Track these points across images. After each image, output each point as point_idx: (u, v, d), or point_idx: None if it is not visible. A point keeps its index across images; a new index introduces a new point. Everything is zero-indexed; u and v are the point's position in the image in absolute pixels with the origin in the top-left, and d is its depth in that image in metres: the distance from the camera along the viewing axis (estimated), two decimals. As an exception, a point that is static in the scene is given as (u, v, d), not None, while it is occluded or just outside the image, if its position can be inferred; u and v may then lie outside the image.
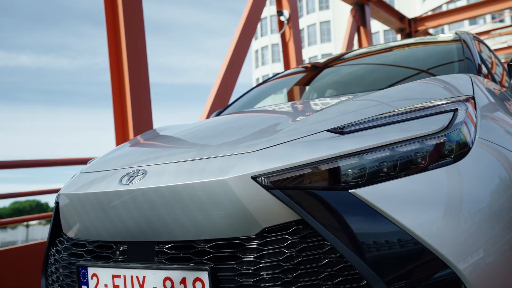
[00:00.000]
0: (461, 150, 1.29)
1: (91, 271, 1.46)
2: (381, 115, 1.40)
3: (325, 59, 3.20)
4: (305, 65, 3.40)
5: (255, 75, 59.13)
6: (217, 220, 1.26)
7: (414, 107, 1.42)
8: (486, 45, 2.99)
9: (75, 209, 1.55)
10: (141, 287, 1.34)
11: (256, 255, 1.22)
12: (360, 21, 9.22)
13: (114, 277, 1.40)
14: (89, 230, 1.51)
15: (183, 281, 1.27)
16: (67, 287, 1.57)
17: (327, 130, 1.37)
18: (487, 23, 20.87)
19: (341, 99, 1.83)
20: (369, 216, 1.17)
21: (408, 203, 1.19)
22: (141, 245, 1.39)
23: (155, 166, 1.44)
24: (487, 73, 2.26)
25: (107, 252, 1.47)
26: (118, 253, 1.45)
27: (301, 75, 3.20)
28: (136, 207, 1.37)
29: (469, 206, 1.21)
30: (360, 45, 9.54)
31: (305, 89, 3.00)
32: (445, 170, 1.24)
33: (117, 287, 1.38)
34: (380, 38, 48.13)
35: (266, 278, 1.19)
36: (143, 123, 4.28)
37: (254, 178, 1.24)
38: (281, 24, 6.88)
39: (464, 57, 2.19)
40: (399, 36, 11.70)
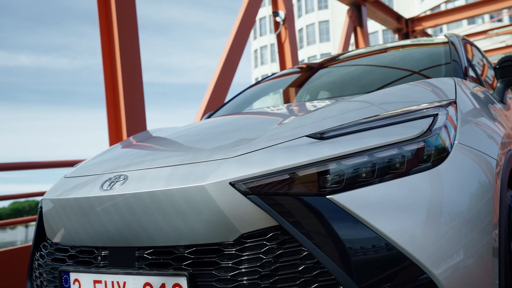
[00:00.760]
0: (439, 155, 1.29)
1: (73, 276, 1.46)
2: (362, 120, 1.40)
3: (316, 61, 3.21)
4: (299, 66, 3.41)
5: (254, 74, 59.11)
6: (196, 225, 1.26)
7: (395, 112, 1.42)
8: (477, 48, 3.00)
9: (57, 214, 1.55)
10: (122, 292, 1.34)
11: (234, 261, 1.22)
12: (356, 22, 9.22)
13: (95, 282, 1.40)
14: (71, 235, 1.51)
15: (163, 287, 1.27)
16: None
17: (307, 135, 1.37)
18: (485, 23, 20.84)
19: (327, 103, 1.83)
20: (346, 222, 1.17)
21: (385, 208, 1.19)
22: (122, 250, 1.39)
23: (136, 171, 1.44)
24: (474, 76, 2.26)
25: (89, 257, 1.47)
26: (100, 258, 1.45)
27: (295, 76, 3.20)
28: (116, 213, 1.37)
29: (446, 211, 1.21)
30: (356, 46, 9.53)
31: (298, 91, 3.01)
32: (423, 175, 1.25)
33: (98, 292, 1.39)
34: (379, 37, 48.09)
35: (244, 284, 1.19)
36: (137, 123, 4.26)
37: (232, 184, 1.24)
38: (277, 25, 6.88)
39: (451, 60, 2.20)
40: (397, 36, 11.68)
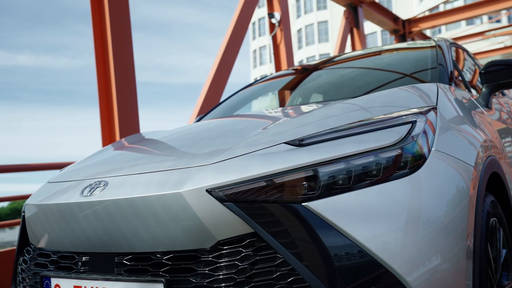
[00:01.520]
0: (416, 162, 1.29)
1: (54, 281, 1.47)
2: (341, 127, 1.41)
3: (310, 63, 3.22)
4: (294, 68, 3.42)
5: (253, 75, 59.10)
6: (173, 232, 1.26)
7: (373, 118, 1.43)
8: (467, 52, 3.00)
9: (39, 220, 1.56)
10: (101, 298, 1.35)
11: (210, 267, 1.23)
12: (353, 23, 9.22)
13: (75, 288, 1.41)
14: (53, 240, 1.52)
15: (140, 293, 1.28)
16: None
17: (285, 142, 1.37)
18: (483, 23, 20.81)
19: (314, 107, 1.84)
20: (321, 229, 1.17)
21: (361, 216, 1.19)
22: (102, 256, 1.40)
23: (116, 177, 1.45)
24: (460, 80, 2.27)
25: (70, 262, 1.48)
26: (80, 264, 1.45)
27: (288, 78, 3.21)
28: (96, 219, 1.38)
29: (420, 218, 1.22)
30: (353, 47, 9.54)
31: (291, 93, 3.01)
32: (399, 182, 1.25)
33: (78, 298, 1.39)
34: (377, 38, 48.11)
35: None
36: (130, 124, 4.26)
37: (208, 191, 1.24)
38: (272, 26, 6.89)
39: (437, 64, 2.20)
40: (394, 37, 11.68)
